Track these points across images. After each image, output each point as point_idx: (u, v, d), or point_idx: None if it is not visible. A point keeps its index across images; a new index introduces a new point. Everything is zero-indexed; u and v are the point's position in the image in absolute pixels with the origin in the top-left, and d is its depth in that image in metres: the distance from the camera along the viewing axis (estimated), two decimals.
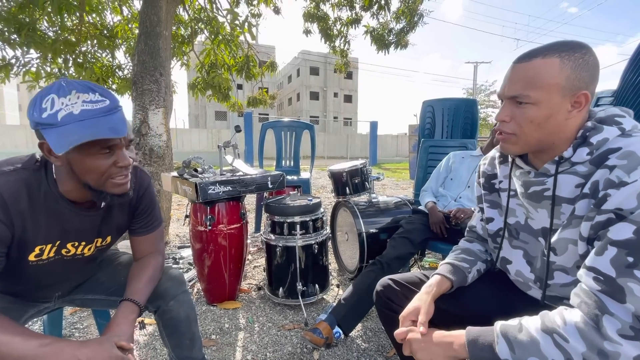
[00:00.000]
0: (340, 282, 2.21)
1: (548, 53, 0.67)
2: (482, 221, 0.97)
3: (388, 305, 0.96)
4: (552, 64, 0.66)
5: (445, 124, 2.54)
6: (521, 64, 0.70)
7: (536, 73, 0.67)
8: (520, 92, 0.69)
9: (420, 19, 4.44)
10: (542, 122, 0.69)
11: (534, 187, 0.75)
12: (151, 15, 2.68)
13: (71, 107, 0.71)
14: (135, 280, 0.94)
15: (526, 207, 0.80)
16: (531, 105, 0.68)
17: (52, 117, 0.70)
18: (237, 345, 1.53)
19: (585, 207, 0.65)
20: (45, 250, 0.85)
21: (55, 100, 0.71)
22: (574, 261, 0.70)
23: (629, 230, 0.55)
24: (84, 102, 0.72)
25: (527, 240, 0.82)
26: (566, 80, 0.66)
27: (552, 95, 0.67)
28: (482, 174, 0.95)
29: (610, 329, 0.54)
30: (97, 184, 0.79)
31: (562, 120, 0.68)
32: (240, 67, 4.49)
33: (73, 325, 1.69)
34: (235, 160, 2.09)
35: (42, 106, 0.71)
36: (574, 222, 0.67)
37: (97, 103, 0.73)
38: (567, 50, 0.66)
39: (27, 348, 0.66)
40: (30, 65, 3.41)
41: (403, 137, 22.84)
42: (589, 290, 0.59)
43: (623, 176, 0.58)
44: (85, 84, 0.75)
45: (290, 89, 33.94)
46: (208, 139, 18.68)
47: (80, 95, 0.72)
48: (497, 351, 0.62)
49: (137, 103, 2.69)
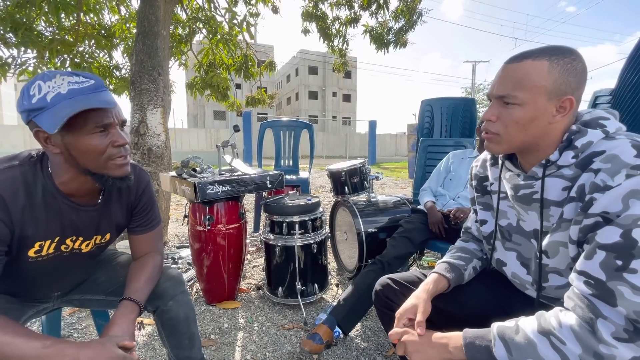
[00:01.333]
0: (339, 281, 2.21)
1: (539, 56, 0.67)
2: (477, 222, 0.98)
3: (387, 304, 0.96)
4: (541, 67, 0.67)
5: (444, 123, 2.54)
6: (512, 64, 0.70)
7: (525, 74, 0.68)
8: (508, 92, 0.70)
9: (419, 18, 4.44)
10: (526, 124, 0.69)
11: (523, 190, 0.76)
12: (149, 15, 2.68)
13: (58, 88, 0.72)
14: (135, 279, 0.94)
15: (517, 209, 0.80)
16: (517, 106, 0.69)
17: (42, 100, 0.71)
18: (236, 345, 1.53)
19: (573, 210, 0.66)
20: (45, 246, 0.84)
21: (42, 85, 0.72)
22: (566, 263, 0.71)
23: (616, 233, 0.55)
24: (70, 83, 0.74)
25: (520, 242, 0.83)
26: (553, 83, 0.66)
27: (538, 97, 0.67)
28: (474, 176, 0.96)
29: (605, 333, 0.54)
30: (97, 166, 0.79)
31: (545, 124, 0.69)
32: (239, 67, 4.48)
33: (72, 325, 1.69)
34: (234, 159, 2.08)
35: (30, 93, 0.72)
36: (563, 225, 0.68)
37: (82, 83, 0.76)
38: (557, 55, 0.67)
39: (30, 349, 0.65)
40: (27, 64, 3.40)
41: (402, 136, 22.85)
42: (580, 294, 0.59)
43: (607, 180, 0.58)
44: (69, 71, 0.77)
45: (289, 88, 33.90)
46: (207, 138, 18.64)
47: (65, 77, 0.74)
48: (494, 353, 0.62)
49: (136, 103, 2.68)
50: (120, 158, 0.81)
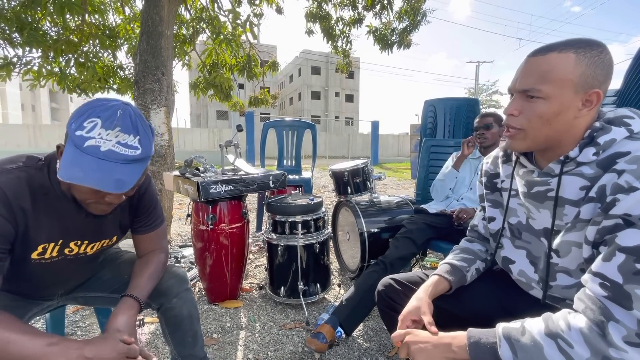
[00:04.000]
0: (341, 281, 2.21)
1: (564, 48, 0.66)
2: (484, 220, 0.97)
3: (389, 304, 0.96)
4: (568, 59, 0.65)
5: (447, 124, 2.54)
6: (536, 57, 0.69)
7: (550, 67, 0.66)
8: (532, 85, 0.68)
9: (423, 18, 4.43)
10: (551, 119, 0.68)
11: (537, 187, 0.74)
12: (153, 15, 2.69)
13: (102, 142, 0.70)
14: (137, 276, 0.95)
15: (527, 207, 0.79)
16: (542, 100, 0.67)
17: (82, 138, 0.69)
18: (238, 344, 1.54)
19: (591, 211, 0.64)
20: (48, 249, 0.85)
21: (96, 127, 0.70)
22: (577, 264, 0.70)
23: (637, 236, 0.54)
24: (117, 144, 0.71)
25: (530, 240, 0.82)
26: (580, 76, 0.65)
27: (564, 91, 0.66)
28: (484, 173, 0.95)
29: (615, 336, 0.53)
30: (81, 200, 0.80)
31: (571, 118, 0.67)
32: (242, 67, 4.49)
33: (75, 323, 1.70)
34: (237, 159, 2.09)
35: (84, 124, 0.70)
36: (578, 225, 0.67)
37: (127, 149, 0.72)
38: (584, 47, 0.65)
39: (35, 346, 0.66)
40: (32, 64, 3.43)
41: (405, 136, 22.81)
42: (593, 296, 0.58)
43: (633, 181, 0.57)
44: (136, 123, 0.74)
45: (291, 88, 33.93)
46: (210, 138, 18.70)
47: (119, 135, 0.72)
48: (499, 354, 0.61)
49: (139, 102, 2.69)
50: (105, 206, 0.81)
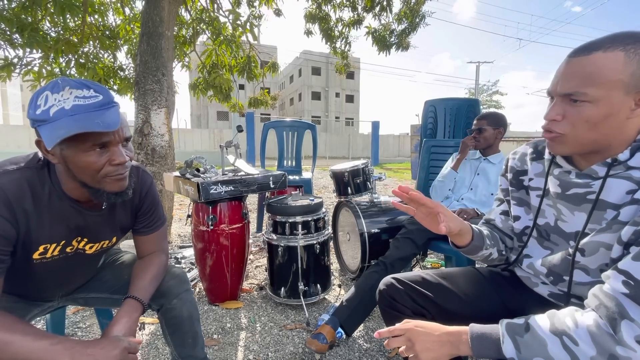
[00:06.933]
0: (341, 282, 2.20)
1: (611, 46, 0.61)
2: (502, 215, 0.94)
3: (391, 304, 0.96)
4: (616, 59, 0.60)
5: (447, 124, 2.54)
6: (578, 57, 0.64)
7: (596, 68, 0.61)
8: (576, 89, 0.63)
9: (422, 20, 4.44)
10: (599, 122, 0.63)
11: (575, 188, 0.70)
12: (153, 16, 2.69)
13: (63, 103, 0.71)
14: (139, 278, 0.94)
15: (558, 208, 0.76)
16: (588, 103, 0.63)
17: (45, 113, 0.70)
18: (238, 345, 1.54)
19: (632, 213, 0.62)
20: (50, 249, 0.85)
21: (49, 97, 0.71)
22: (599, 264, 0.68)
23: None
24: (77, 98, 0.72)
25: (558, 243, 0.79)
26: (631, 76, 0.60)
27: (614, 93, 0.61)
28: (509, 169, 0.91)
29: (627, 334, 0.52)
30: (93, 181, 0.78)
31: (622, 120, 0.63)
32: (242, 68, 4.50)
33: (75, 324, 1.70)
34: (237, 160, 2.09)
35: (37, 103, 0.71)
36: (614, 227, 0.64)
37: (89, 98, 0.73)
38: (634, 43, 0.60)
39: (38, 347, 0.66)
40: (33, 65, 3.43)
41: (405, 137, 22.80)
42: (611, 293, 0.57)
43: None
44: (82, 81, 0.75)
45: (292, 89, 33.95)
46: (210, 139, 18.70)
47: (73, 91, 0.73)
48: (502, 349, 0.61)
49: (140, 103, 2.69)
50: (117, 175, 0.79)
